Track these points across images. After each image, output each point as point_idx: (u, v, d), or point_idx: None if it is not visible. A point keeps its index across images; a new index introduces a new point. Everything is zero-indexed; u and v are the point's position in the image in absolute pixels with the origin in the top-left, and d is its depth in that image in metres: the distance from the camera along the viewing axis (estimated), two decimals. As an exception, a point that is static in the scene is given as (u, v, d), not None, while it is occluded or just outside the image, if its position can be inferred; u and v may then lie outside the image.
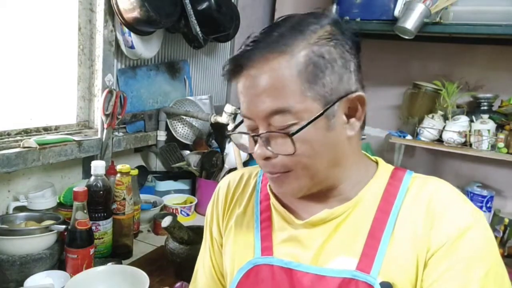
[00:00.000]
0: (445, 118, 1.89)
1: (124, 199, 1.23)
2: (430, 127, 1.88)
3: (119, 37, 1.46)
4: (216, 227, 0.81)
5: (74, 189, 1.04)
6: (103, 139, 1.42)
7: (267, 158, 0.63)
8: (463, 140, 1.82)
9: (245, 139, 0.69)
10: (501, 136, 1.74)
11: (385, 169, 0.70)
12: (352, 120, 0.64)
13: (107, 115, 1.42)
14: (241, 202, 0.77)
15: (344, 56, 0.61)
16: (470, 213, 0.61)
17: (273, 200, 0.72)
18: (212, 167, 1.69)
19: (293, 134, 0.59)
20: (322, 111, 0.59)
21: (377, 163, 0.72)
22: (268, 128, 0.62)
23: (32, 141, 1.20)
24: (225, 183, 0.82)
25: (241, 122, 0.68)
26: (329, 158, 0.63)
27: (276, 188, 0.68)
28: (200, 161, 1.69)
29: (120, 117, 1.47)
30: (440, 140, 1.89)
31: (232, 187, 0.80)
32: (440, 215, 0.61)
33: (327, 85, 0.60)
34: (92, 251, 1.05)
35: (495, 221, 1.68)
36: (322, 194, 0.67)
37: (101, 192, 1.16)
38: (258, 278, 0.68)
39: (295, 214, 0.69)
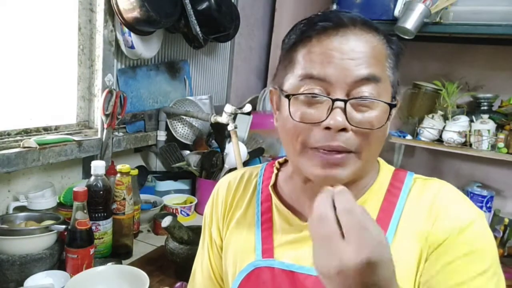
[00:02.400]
0: (445, 118, 1.90)
1: (124, 199, 1.23)
2: (430, 127, 1.88)
3: (119, 37, 1.46)
4: (215, 229, 0.80)
5: (74, 189, 1.04)
6: (103, 139, 1.42)
7: (342, 130, 0.57)
8: (463, 140, 1.82)
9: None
10: (501, 136, 1.74)
11: (386, 170, 0.70)
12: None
13: (107, 115, 1.42)
14: (242, 204, 0.76)
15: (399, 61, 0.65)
16: (473, 211, 0.62)
17: (275, 201, 0.72)
18: (212, 167, 1.69)
19: (394, 105, 0.60)
20: (393, 95, 0.62)
21: (378, 162, 0.72)
22: (347, 97, 0.58)
23: (32, 141, 1.20)
24: (224, 184, 0.81)
25: (288, 97, 0.60)
26: (380, 149, 0.63)
27: (331, 171, 0.59)
28: (200, 161, 1.69)
29: (120, 117, 1.47)
30: (440, 140, 1.89)
31: (232, 188, 0.79)
32: (442, 211, 0.61)
33: (396, 78, 0.63)
34: (92, 251, 1.05)
35: (495, 221, 1.68)
36: None
37: (101, 192, 1.16)
38: (259, 281, 0.68)
39: (299, 215, 0.69)
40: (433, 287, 0.59)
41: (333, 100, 0.57)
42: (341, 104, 0.57)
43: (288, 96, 0.61)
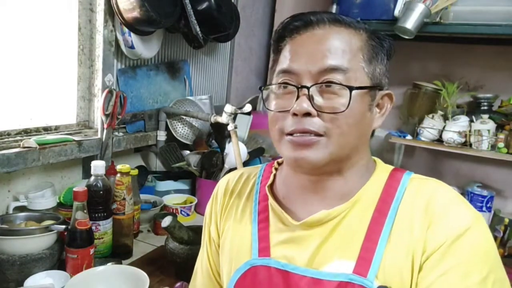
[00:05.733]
0: (445, 118, 1.89)
1: (124, 199, 1.23)
2: (430, 127, 1.88)
3: (119, 37, 1.46)
4: (214, 227, 0.81)
5: (74, 189, 1.04)
6: (103, 139, 1.42)
7: (306, 115, 0.61)
8: (463, 140, 1.82)
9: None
10: (501, 136, 1.74)
11: (383, 169, 0.69)
12: (378, 115, 0.67)
13: (107, 115, 1.42)
14: (239, 203, 0.77)
15: (385, 55, 0.67)
16: (469, 215, 0.59)
17: (271, 200, 0.72)
18: (212, 167, 1.69)
19: (354, 88, 0.61)
20: (372, 85, 0.64)
21: (375, 162, 0.72)
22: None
23: (32, 141, 1.20)
24: (224, 183, 0.82)
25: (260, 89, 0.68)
26: (358, 137, 0.64)
27: (301, 153, 0.62)
28: (200, 161, 1.69)
29: (120, 117, 1.47)
30: (440, 140, 1.89)
31: (230, 187, 0.80)
32: (438, 216, 0.59)
33: (377, 70, 0.65)
34: (92, 251, 1.05)
35: (495, 221, 1.68)
36: (322, 190, 0.67)
37: (101, 192, 1.16)
38: (256, 280, 0.68)
39: (292, 215, 0.69)
40: None
41: (298, 88, 0.62)
42: (306, 91, 0.61)
43: (260, 88, 0.69)
